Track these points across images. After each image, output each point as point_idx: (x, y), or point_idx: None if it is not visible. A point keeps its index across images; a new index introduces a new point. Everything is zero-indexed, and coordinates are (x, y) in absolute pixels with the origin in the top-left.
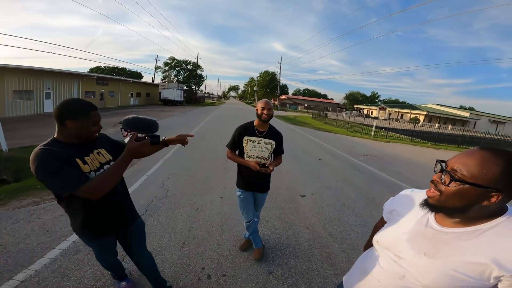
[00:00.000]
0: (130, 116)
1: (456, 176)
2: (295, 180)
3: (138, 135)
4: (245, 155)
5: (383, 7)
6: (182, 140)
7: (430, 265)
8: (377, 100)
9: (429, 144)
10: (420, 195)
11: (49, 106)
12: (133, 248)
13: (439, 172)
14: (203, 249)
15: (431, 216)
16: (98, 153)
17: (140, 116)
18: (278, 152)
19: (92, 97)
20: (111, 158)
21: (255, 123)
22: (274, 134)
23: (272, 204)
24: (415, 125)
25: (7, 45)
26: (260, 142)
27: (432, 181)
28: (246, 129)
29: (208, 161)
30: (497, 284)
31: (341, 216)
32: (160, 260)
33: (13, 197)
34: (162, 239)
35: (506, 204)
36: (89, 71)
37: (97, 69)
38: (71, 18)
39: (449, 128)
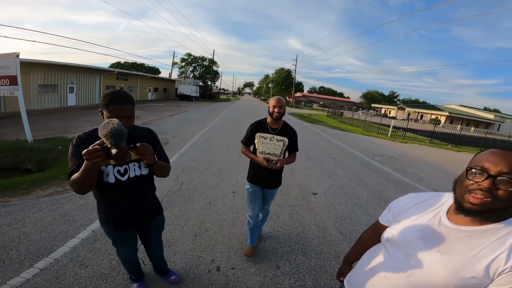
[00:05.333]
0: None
1: None
2: (307, 178)
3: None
4: (257, 151)
5: (405, 6)
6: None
7: (443, 261)
8: (395, 100)
9: (450, 146)
10: (429, 197)
11: (72, 100)
12: (148, 240)
13: (486, 179)
14: (214, 242)
15: (443, 215)
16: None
17: (111, 125)
18: (292, 149)
19: None
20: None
21: (268, 120)
22: (287, 131)
23: (284, 200)
24: (435, 126)
25: (34, 41)
26: (272, 139)
27: (481, 189)
28: (259, 126)
29: (222, 156)
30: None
31: (352, 215)
32: (172, 251)
33: (37, 186)
34: (175, 231)
35: None
36: (109, 66)
37: (117, 65)
38: (95, 14)
39: (471, 130)
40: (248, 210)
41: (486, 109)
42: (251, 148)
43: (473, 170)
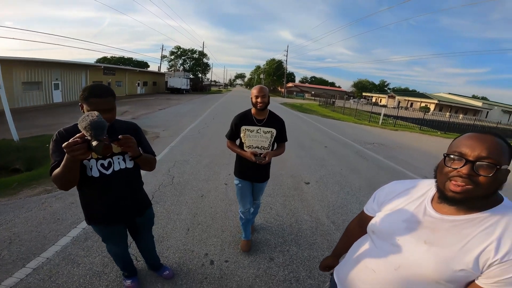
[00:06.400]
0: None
1: (495, 164)
2: (299, 167)
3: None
4: (244, 146)
5: None
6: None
7: (430, 252)
8: (386, 88)
9: (439, 133)
10: (413, 184)
11: (58, 97)
12: (138, 235)
13: (465, 165)
14: (207, 235)
15: (428, 204)
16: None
17: (91, 117)
18: (280, 140)
19: None
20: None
21: (253, 111)
22: (274, 122)
23: (276, 191)
24: (425, 114)
25: (13, 38)
26: (258, 131)
27: (460, 176)
28: (243, 118)
29: (213, 148)
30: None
31: (344, 204)
32: (165, 246)
33: (25, 186)
34: (167, 226)
35: (501, 195)
36: (96, 62)
37: (104, 60)
38: (78, 10)
39: (460, 118)
40: (239, 206)
41: (474, 97)
42: (238, 142)
43: (451, 156)
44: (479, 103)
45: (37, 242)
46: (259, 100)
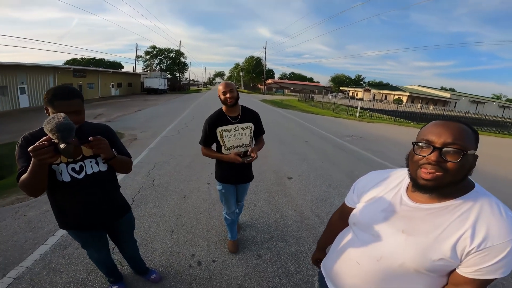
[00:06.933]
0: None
1: (462, 149)
2: (282, 163)
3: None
4: (223, 149)
5: None
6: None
7: (408, 242)
8: (362, 82)
9: (412, 123)
10: (389, 174)
11: (24, 101)
12: (119, 240)
13: (433, 152)
14: (192, 236)
15: (403, 193)
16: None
17: (57, 119)
18: (258, 133)
19: None
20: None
21: (224, 109)
22: (249, 115)
23: (260, 187)
24: (398, 106)
25: None
26: (236, 129)
27: (429, 163)
28: (216, 119)
29: (193, 147)
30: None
31: (327, 197)
32: (150, 250)
33: None
34: (150, 229)
35: (472, 181)
36: (64, 64)
37: (73, 61)
38: (42, 11)
39: (430, 108)
40: (224, 208)
41: (443, 89)
42: (214, 147)
43: (419, 144)
44: (447, 94)
45: (14, 251)
46: (228, 95)
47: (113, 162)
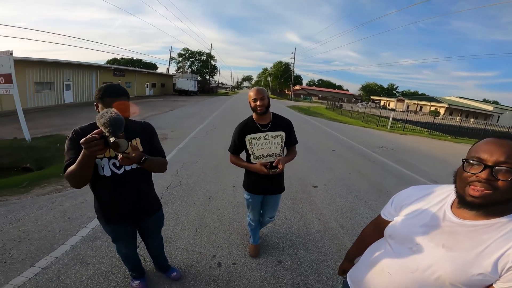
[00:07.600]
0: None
1: None
2: (307, 171)
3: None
4: (252, 157)
5: None
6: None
7: (448, 257)
8: (395, 92)
9: (449, 137)
10: (433, 190)
11: (69, 97)
12: (148, 237)
13: (484, 169)
14: (215, 237)
15: (448, 209)
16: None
17: (110, 113)
18: (290, 143)
19: None
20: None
21: (254, 117)
22: (281, 124)
23: (284, 194)
24: (434, 118)
25: (27, 39)
26: (266, 137)
27: (479, 181)
28: (246, 127)
29: (221, 150)
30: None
31: (353, 208)
32: (173, 248)
33: (36, 184)
34: (175, 227)
35: None
36: (106, 63)
37: (114, 61)
38: (89, 11)
39: (471, 122)
40: (249, 214)
41: (485, 101)
42: (244, 156)
43: (470, 161)
44: (490, 107)
45: (46, 241)
46: (258, 103)
47: (144, 165)
